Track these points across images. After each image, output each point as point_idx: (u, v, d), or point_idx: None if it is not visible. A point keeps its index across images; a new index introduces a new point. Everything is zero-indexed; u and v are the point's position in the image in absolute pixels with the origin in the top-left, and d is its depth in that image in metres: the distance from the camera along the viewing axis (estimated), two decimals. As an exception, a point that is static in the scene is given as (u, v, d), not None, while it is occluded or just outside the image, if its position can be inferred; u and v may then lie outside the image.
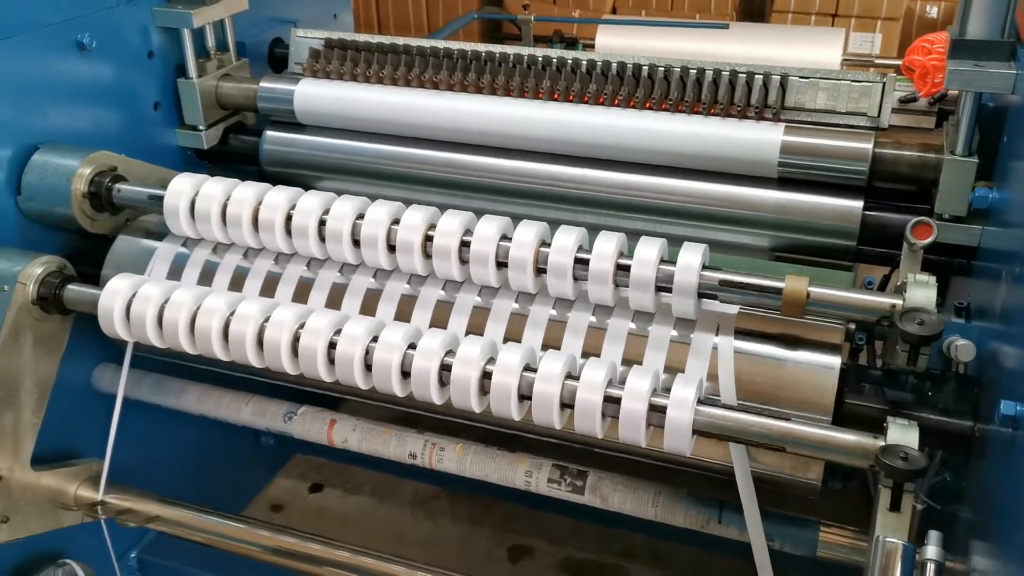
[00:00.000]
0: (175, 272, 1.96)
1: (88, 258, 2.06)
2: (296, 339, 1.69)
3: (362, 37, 2.29)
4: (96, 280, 2.01)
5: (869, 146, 1.89)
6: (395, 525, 2.85)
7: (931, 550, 1.37)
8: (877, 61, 3.92)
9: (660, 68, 2.04)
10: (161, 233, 2.03)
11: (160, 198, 1.91)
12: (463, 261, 1.72)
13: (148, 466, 2.28)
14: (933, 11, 4.84)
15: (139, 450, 2.25)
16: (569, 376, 1.55)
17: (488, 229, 1.68)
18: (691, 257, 1.59)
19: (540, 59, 2.13)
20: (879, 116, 1.95)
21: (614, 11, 5.21)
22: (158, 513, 2.06)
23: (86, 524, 2.12)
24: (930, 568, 1.35)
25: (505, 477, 1.96)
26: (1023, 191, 1.50)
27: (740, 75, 1.99)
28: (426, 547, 2.73)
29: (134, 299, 1.79)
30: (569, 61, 2.11)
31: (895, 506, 1.38)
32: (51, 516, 2.04)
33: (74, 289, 1.89)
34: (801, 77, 1.98)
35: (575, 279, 1.65)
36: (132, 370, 2.07)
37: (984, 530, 1.32)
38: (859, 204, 1.92)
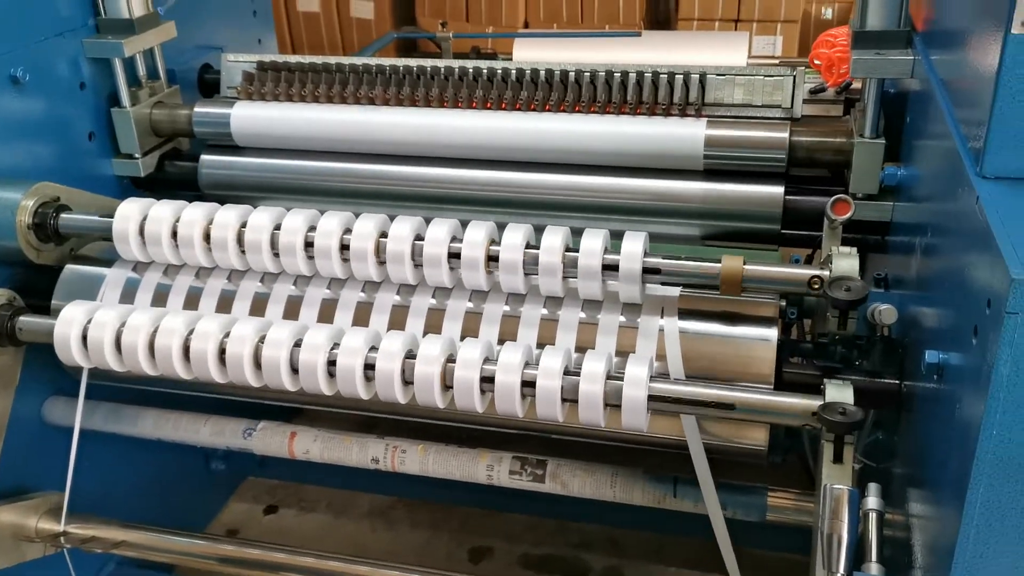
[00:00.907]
0: (127, 297, 1.98)
1: (33, 290, 2.07)
2: (258, 352, 1.73)
3: (294, 58, 2.35)
4: (44, 312, 2.02)
5: (786, 135, 2.02)
6: (355, 538, 2.88)
7: (871, 500, 1.48)
8: (780, 61, 4.11)
9: (585, 73, 2.15)
10: (108, 260, 2.05)
11: (108, 224, 1.93)
12: (416, 264, 1.79)
13: (100, 499, 2.27)
14: (828, 12, 5.09)
15: (89, 482, 2.24)
16: (527, 365, 1.63)
17: (439, 232, 1.75)
18: (633, 245, 1.69)
19: (471, 70, 2.21)
20: (792, 107, 2.09)
21: (526, 25, 5.34)
22: (123, 538, 2.07)
23: (48, 557, 2.11)
24: (872, 517, 1.47)
25: (468, 473, 2.03)
26: (927, 167, 1.64)
27: (661, 76, 2.11)
28: (388, 556, 2.76)
29: (90, 325, 1.81)
30: (499, 71, 2.20)
31: (838, 458, 1.50)
32: (13, 550, 2.03)
33: (26, 320, 1.90)
34: (718, 75, 2.11)
35: (525, 274, 1.73)
36: (85, 400, 2.07)
37: (917, 479, 1.43)
38: (780, 190, 2.05)
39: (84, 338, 1.81)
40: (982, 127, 1.18)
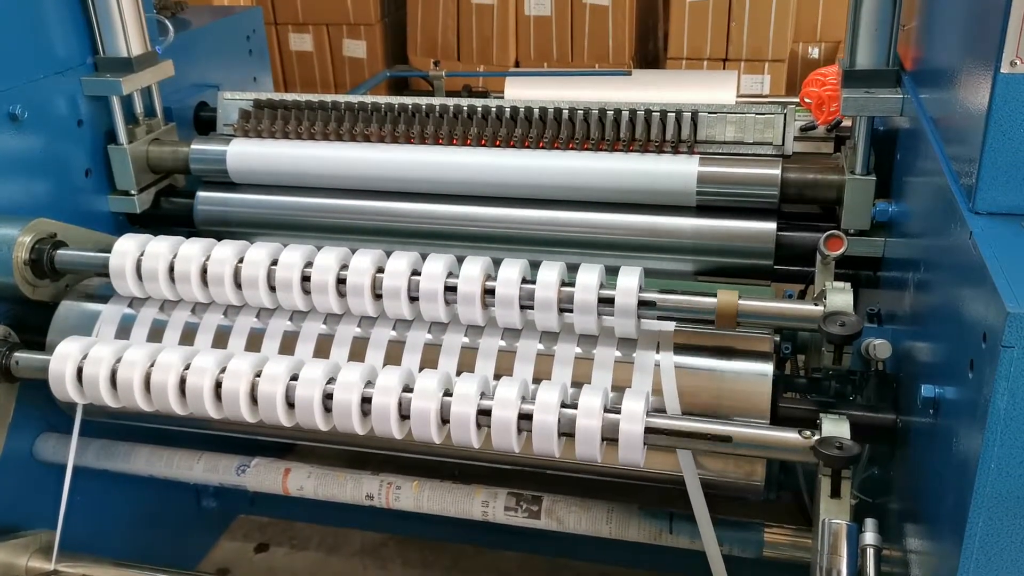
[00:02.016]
0: (123, 333, 1.97)
1: (28, 326, 2.06)
2: (254, 387, 1.72)
3: (290, 96, 2.37)
4: (39, 348, 2.01)
5: (778, 172, 2.04)
6: (346, 576, 2.86)
7: (869, 536, 1.48)
8: (768, 100, 4.17)
9: (579, 111, 2.18)
10: (103, 296, 2.05)
11: (105, 260, 1.93)
12: (412, 300, 1.79)
13: (91, 537, 2.25)
14: (815, 52, 5.18)
15: (80, 520, 2.21)
16: (524, 400, 1.63)
17: (435, 267, 1.76)
18: (629, 280, 1.70)
19: (464, 108, 2.24)
20: (783, 144, 2.12)
21: (517, 64, 5.39)
22: (115, 577, 2.05)
23: (38, 597, 2.09)
24: (870, 552, 1.46)
25: (463, 509, 2.01)
26: (919, 203, 1.66)
27: (654, 114, 2.13)
28: (380, 595, 2.75)
29: (85, 361, 1.80)
30: (493, 109, 2.22)
31: (835, 493, 1.50)
32: (3, 590, 2.01)
33: (21, 356, 1.89)
34: (710, 112, 2.14)
35: (522, 308, 1.74)
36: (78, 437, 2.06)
37: (915, 514, 1.44)
38: (773, 226, 2.07)
39: (79, 374, 1.81)
40: (973, 164, 1.20)
